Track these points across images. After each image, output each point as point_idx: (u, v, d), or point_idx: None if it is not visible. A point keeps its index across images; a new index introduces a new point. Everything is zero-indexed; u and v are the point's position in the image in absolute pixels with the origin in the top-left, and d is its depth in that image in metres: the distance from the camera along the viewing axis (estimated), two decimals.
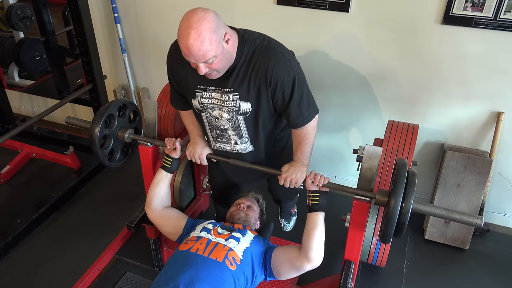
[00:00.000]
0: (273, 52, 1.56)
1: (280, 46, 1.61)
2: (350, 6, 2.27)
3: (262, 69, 1.55)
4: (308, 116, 1.67)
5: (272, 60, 1.54)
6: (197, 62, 1.46)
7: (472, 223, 1.51)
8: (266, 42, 1.58)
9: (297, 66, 1.61)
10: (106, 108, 1.88)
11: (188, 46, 1.41)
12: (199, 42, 1.39)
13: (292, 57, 1.62)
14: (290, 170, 1.76)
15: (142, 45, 2.98)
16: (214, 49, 1.42)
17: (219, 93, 1.64)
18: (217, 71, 1.52)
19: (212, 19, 1.42)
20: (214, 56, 1.44)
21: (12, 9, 3.22)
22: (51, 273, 2.29)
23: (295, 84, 1.58)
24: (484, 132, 2.40)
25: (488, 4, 2.04)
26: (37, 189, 2.88)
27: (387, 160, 2.00)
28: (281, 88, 1.57)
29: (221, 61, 1.48)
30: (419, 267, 2.37)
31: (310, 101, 1.67)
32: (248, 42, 1.57)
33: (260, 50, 1.56)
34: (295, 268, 1.76)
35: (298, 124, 1.68)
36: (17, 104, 3.72)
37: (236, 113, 1.67)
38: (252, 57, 1.56)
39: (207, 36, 1.39)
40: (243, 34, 1.58)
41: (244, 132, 1.74)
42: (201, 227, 1.88)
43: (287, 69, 1.56)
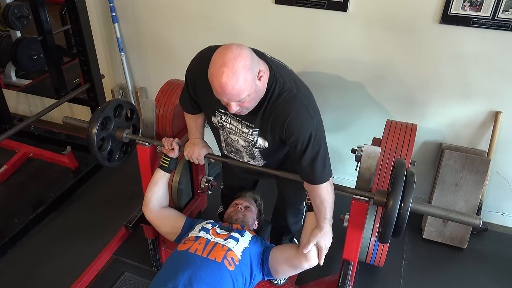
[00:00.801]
0: (298, 104, 1.48)
1: (307, 96, 1.54)
2: (349, 5, 2.27)
3: (282, 117, 1.48)
4: (320, 178, 1.58)
5: (293, 112, 1.47)
6: (230, 101, 1.38)
7: (470, 223, 1.51)
8: (295, 90, 1.50)
9: (318, 123, 1.53)
10: (102, 110, 1.86)
11: (222, 85, 1.32)
12: (234, 81, 1.31)
13: (315, 112, 1.54)
14: (327, 239, 1.70)
15: (140, 45, 2.97)
16: (248, 88, 1.35)
17: (239, 124, 1.60)
18: (247, 109, 1.46)
19: (248, 56, 1.34)
20: (248, 95, 1.37)
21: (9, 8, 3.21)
22: (49, 274, 2.28)
23: (310, 142, 1.51)
24: (482, 132, 2.40)
25: (486, 4, 2.04)
26: (34, 189, 2.87)
27: (385, 159, 2.00)
28: (295, 141, 1.51)
29: (253, 99, 1.42)
30: (417, 266, 2.37)
31: (325, 163, 1.58)
32: (279, 84, 1.48)
33: (285, 97, 1.48)
34: (293, 267, 1.76)
35: (310, 181, 1.61)
36: (14, 104, 3.70)
37: (252, 145, 1.64)
38: (276, 101, 1.48)
39: (242, 74, 1.31)
40: (275, 73, 1.49)
41: (258, 156, 1.73)
42: (200, 227, 1.88)
43: (306, 125, 1.49)
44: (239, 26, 2.59)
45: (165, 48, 2.89)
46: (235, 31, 2.62)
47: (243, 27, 2.58)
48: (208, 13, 2.63)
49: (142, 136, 1.99)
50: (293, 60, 2.55)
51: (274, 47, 2.55)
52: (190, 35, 2.75)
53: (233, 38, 2.62)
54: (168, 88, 2.20)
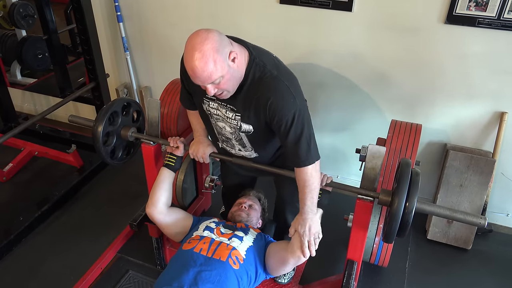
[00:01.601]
0: (279, 85, 1.50)
1: (289, 79, 1.54)
2: (353, 5, 2.27)
3: (264, 99, 1.50)
4: (305, 159, 1.58)
5: (275, 93, 1.49)
6: (204, 84, 1.43)
7: (475, 223, 1.51)
8: (275, 71, 1.52)
9: (301, 104, 1.54)
10: (111, 105, 1.88)
11: (193, 68, 1.38)
12: (203, 63, 1.36)
13: (298, 93, 1.55)
14: (305, 226, 1.65)
15: (145, 44, 2.98)
16: (219, 69, 1.39)
17: (224, 108, 1.63)
18: (227, 91, 1.49)
19: (215, 39, 1.39)
20: (221, 76, 1.41)
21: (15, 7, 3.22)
22: (54, 271, 2.30)
23: (293, 122, 1.52)
24: (487, 132, 2.39)
25: (491, 4, 2.03)
26: (39, 187, 2.88)
27: (390, 159, 2.00)
28: (279, 122, 1.53)
29: (228, 80, 1.45)
30: (422, 267, 2.37)
31: (310, 144, 1.58)
32: (258, 67, 1.51)
33: (266, 79, 1.50)
34: (281, 260, 1.75)
35: (296, 164, 1.61)
36: (20, 102, 3.72)
37: (238, 130, 1.66)
38: (258, 84, 1.51)
39: (210, 56, 1.36)
40: (255, 57, 1.51)
41: (247, 144, 1.73)
42: (204, 226, 1.88)
43: (288, 105, 1.50)
44: (243, 25, 2.59)
45: (170, 48, 2.89)
46: (239, 31, 2.59)
47: (247, 26, 2.58)
48: (212, 13, 2.63)
49: (147, 135, 1.99)
50: (297, 60, 2.57)
51: (278, 46, 2.55)
52: None
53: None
54: (172, 87, 2.21)
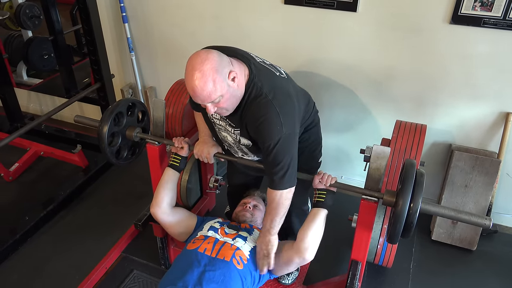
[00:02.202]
0: (270, 109, 1.52)
1: (282, 104, 1.54)
2: (358, 5, 2.27)
3: (253, 120, 1.55)
4: (278, 184, 1.62)
5: (264, 116, 1.52)
6: (204, 102, 1.47)
7: (480, 224, 1.50)
8: (271, 95, 1.53)
9: (287, 133, 1.55)
10: (116, 105, 1.89)
11: (193, 88, 1.42)
12: (203, 83, 1.40)
13: (288, 120, 1.55)
14: (258, 245, 1.75)
15: (150, 44, 2.99)
16: (219, 88, 1.43)
17: (224, 122, 1.68)
18: (226, 109, 1.54)
19: (214, 59, 1.42)
20: (221, 96, 1.45)
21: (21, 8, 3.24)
22: (59, 270, 2.31)
23: (275, 148, 1.54)
24: (492, 133, 2.38)
25: (497, 4, 2.02)
26: (45, 187, 2.90)
27: (394, 160, 2.00)
28: (262, 144, 1.58)
29: (228, 99, 1.48)
30: (426, 268, 2.36)
31: (287, 172, 1.60)
32: (256, 87, 1.53)
33: (260, 101, 1.53)
34: (285, 260, 1.75)
35: (269, 184, 1.65)
36: (25, 103, 3.74)
37: (238, 143, 1.71)
38: (251, 104, 1.54)
39: (210, 76, 1.40)
40: (254, 76, 1.54)
41: (249, 153, 1.78)
42: (209, 226, 1.88)
43: (274, 131, 1.52)
44: (248, 26, 2.60)
45: (175, 48, 2.90)
46: (244, 31, 2.63)
47: (252, 27, 2.59)
48: (217, 13, 2.64)
49: (152, 135, 2.00)
50: (301, 60, 2.58)
51: (283, 46, 2.57)
52: (199, 35, 2.76)
53: (242, 38, 2.63)
54: (177, 87, 2.21)
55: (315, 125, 1.90)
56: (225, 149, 1.88)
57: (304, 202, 2.16)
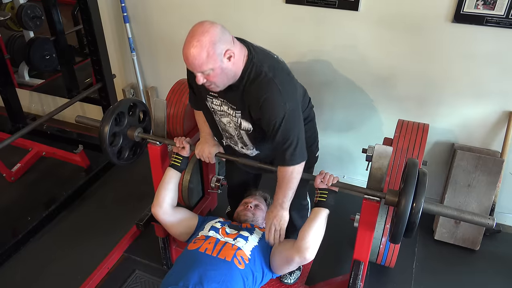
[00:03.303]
0: (271, 87, 1.53)
1: (283, 82, 1.57)
2: (360, 4, 2.26)
3: (256, 99, 1.55)
4: (290, 160, 1.63)
5: (266, 94, 1.53)
6: (194, 71, 1.49)
7: (483, 224, 1.49)
8: (271, 73, 1.55)
9: (292, 107, 1.57)
10: (117, 106, 1.89)
11: (186, 54, 1.45)
12: (197, 52, 1.43)
13: (290, 98, 1.57)
14: (270, 218, 1.75)
15: (151, 44, 2.99)
16: (211, 62, 1.44)
17: (226, 106, 1.68)
18: (215, 85, 1.54)
19: (216, 33, 1.44)
20: (211, 69, 1.47)
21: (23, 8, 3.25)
22: (61, 271, 2.31)
23: (281, 125, 1.56)
24: (495, 132, 2.37)
25: (500, 2, 2.01)
26: (47, 187, 2.90)
27: (396, 159, 1.99)
28: (267, 123, 1.58)
29: (218, 75, 1.49)
30: (429, 267, 2.35)
31: (297, 147, 1.62)
32: (255, 67, 1.55)
33: (261, 81, 1.54)
34: (285, 259, 1.74)
35: (280, 162, 1.66)
36: (27, 103, 3.75)
37: (239, 127, 1.70)
38: (252, 84, 1.55)
39: (205, 47, 1.42)
40: (253, 57, 1.56)
41: (249, 143, 1.77)
42: (210, 226, 1.88)
43: (278, 108, 1.54)
44: (249, 25, 2.59)
45: (176, 48, 2.86)
46: (245, 30, 2.60)
47: (253, 26, 2.58)
48: (218, 12, 2.64)
49: (153, 135, 2.00)
50: (303, 59, 2.57)
51: (284, 45, 2.56)
52: None
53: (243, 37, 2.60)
54: (178, 87, 2.21)
55: (310, 120, 1.90)
56: (224, 145, 1.88)
57: (303, 196, 2.16)
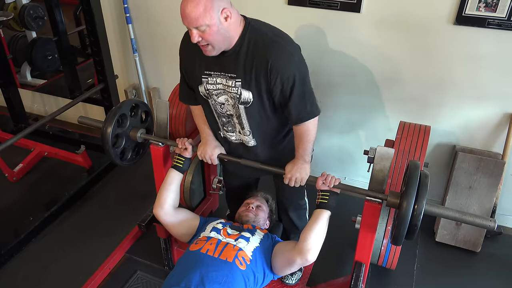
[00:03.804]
0: (277, 44, 1.55)
1: (286, 40, 1.60)
2: (362, 6, 2.26)
3: (264, 59, 1.54)
4: (311, 112, 1.65)
5: (274, 51, 1.53)
6: (189, 26, 1.47)
7: (485, 226, 1.49)
8: (271, 33, 1.57)
9: (300, 61, 1.61)
10: (119, 107, 1.89)
11: (184, 7, 1.44)
12: (194, 3, 1.42)
13: (296, 50, 1.61)
14: (293, 169, 1.75)
15: (153, 45, 3.00)
16: (208, 17, 1.43)
17: (224, 78, 1.64)
18: (211, 46, 1.52)
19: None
20: (207, 25, 1.45)
21: (25, 9, 3.26)
22: (63, 271, 2.32)
23: (295, 78, 1.57)
24: (497, 134, 2.37)
25: (501, 5, 2.01)
26: (49, 188, 2.91)
27: (398, 161, 1.99)
28: (281, 81, 1.56)
29: (214, 33, 1.48)
30: (430, 269, 2.35)
31: (312, 98, 1.65)
32: (254, 30, 1.56)
33: (265, 41, 1.55)
34: (287, 260, 1.74)
35: (300, 119, 1.66)
36: (29, 103, 3.76)
37: (237, 101, 1.66)
38: (255, 46, 1.55)
39: (203, 1, 1.42)
40: (250, 22, 1.58)
41: (245, 123, 1.73)
42: (211, 227, 1.88)
43: (288, 65, 1.55)
44: None
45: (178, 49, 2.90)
46: None
47: None
48: None
49: (156, 136, 2.00)
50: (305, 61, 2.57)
51: None
52: None
53: None
54: None
55: None
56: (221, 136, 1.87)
57: (301, 196, 2.16)
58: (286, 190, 2.06)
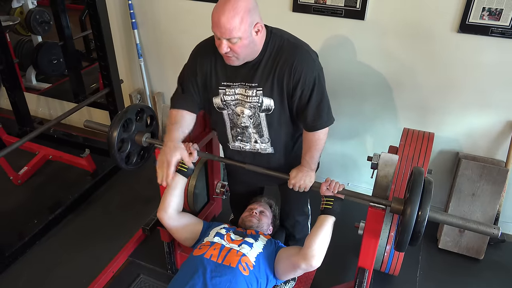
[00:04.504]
0: (300, 49, 1.60)
1: (307, 45, 1.65)
2: (366, 13, 2.28)
3: (287, 64, 1.57)
4: (325, 121, 1.69)
5: (298, 56, 1.57)
6: (222, 36, 1.46)
7: (489, 233, 1.50)
8: (293, 39, 1.62)
9: (320, 68, 1.65)
10: (124, 112, 1.91)
11: (219, 16, 1.42)
12: (231, 15, 1.41)
13: (317, 58, 1.65)
14: (298, 176, 1.76)
15: (158, 51, 3.02)
16: (242, 29, 1.44)
17: (243, 88, 1.65)
18: (237, 57, 1.53)
19: (251, 2, 1.46)
20: (239, 38, 1.45)
21: (32, 13, 3.30)
22: (66, 274, 2.32)
23: (315, 84, 1.60)
24: (500, 141, 2.38)
25: (505, 13, 2.03)
26: (53, 191, 2.92)
27: (402, 168, 2.00)
28: (302, 85, 1.59)
29: (244, 46, 1.49)
30: (433, 276, 2.35)
31: (328, 107, 1.69)
32: (276, 37, 1.60)
33: (287, 46, 1.59)
34: (291, 265, 1.74)
35: (314, 126, 1.68)
36: (34, 107, 3.78)
37: (259, 109, 1.67)
38: (278, 52, 1.59)
39: (240, 13, 1.42)
40: (272, 29, 1.62)
41: (265, 131, 1.75)
42: (215, 232, 1.89)
43: (311, 67, 1.59)
44: None
45: (183, 54, 2.88)
46: None
47: None
48: None
49: (161, 140, 2.01)
50: None
51: None
52: None
53: None
54: None
55: None
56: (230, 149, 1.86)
57: (305, 203, 2.18)
58: (291, 197, 2.07)
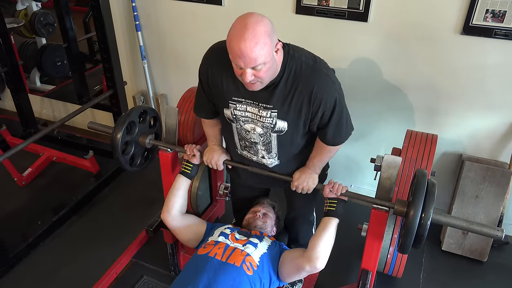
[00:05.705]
0: (319, 73, 1.52)
1: (325, 67, 1.57)
2: (369, 15, 2.29)
3: (307, 89, 1.50)
4: (345, 135, 1.69)
5: (318, 81, 1.50)
6: (246, 66, 1.37)
7: (492, 235, 1.49)
8: (312, 61, 1.53)
9: (339, 86, 1.58)
10: (128, 115, 1.91)
11: (240, 47, 1.33)
12: (254, 43, 1.32)
13: (334, 76, 1.58)
14: (301, 177, 1.76)
15: (162, 53, 3.03)
16: (265, 54, 1.35)
17: (256, 108, 1.59)
18: (261, 82, 1.45)
19: (268, 24, 1.38)
20: (264, 63, 1.37)
21: (36, 16, 3.31)
22: (70, 275, 2.33)
23: (336, 105, 1.56)
24: (504, 143, 2.38)
25: (509, 15, 2.03)
26: (57, 192, 2.93)
27: (405, 170, 2.00)
28: (323, 110, 1.55)
29: (268, 70, 1.41)
30: (436, 278, 2.35)
31: (348, 120, 1.67)
32: (294, 60, 1.51)
33: (305, 70, 1.51)
34: (296, 267, 1.74)
35: (334, 143, 1.68)
36: (38, 109, 3.79)
37: (271, 130, 1.63)
38: (296, 76, 1.51)
39: (262, 38, 1.33)
40: (289, 50, 1.52)
41: (274, 149, 1.72)
42: (219, 232, 1.90)
43: (331, 91, 1.54)
44: None
45: (186, 57, 2.93)
46: None
47: None
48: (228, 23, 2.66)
49: (165, 142, 2.03)
50: None
51: None
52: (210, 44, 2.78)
53: None
54: (189, 95, 2.24)
55: None
56: (237, 154, 1.85)
57: (311, 211, 2.17)
58: (296, 204, 2.07)
